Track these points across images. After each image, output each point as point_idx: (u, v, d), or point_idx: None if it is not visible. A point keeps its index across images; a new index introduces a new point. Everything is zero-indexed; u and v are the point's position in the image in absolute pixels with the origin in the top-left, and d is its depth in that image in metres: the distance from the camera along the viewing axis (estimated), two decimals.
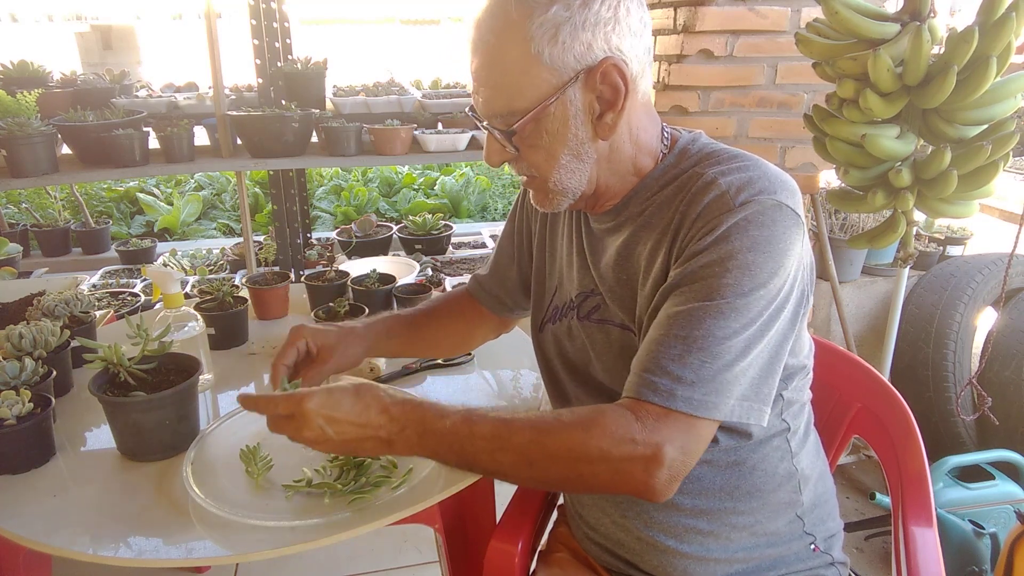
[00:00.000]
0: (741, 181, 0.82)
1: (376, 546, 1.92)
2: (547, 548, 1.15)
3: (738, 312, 0.78)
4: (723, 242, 0.79)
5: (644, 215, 0.91)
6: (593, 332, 0.98)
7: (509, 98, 0.84)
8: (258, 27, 2.57)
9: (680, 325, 0.79)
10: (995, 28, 1.46)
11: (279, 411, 0.84)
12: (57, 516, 0.96)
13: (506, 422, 0.80)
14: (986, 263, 2.20)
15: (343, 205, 4.61)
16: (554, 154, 0.87)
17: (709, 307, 0.78)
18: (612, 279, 0.95)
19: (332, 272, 1.69)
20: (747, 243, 0.79)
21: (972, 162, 1.56)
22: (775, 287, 0.79)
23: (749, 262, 0.78)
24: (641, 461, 0.76)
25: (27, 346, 1.23)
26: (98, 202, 4.46)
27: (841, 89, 1.66)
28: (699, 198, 0.84)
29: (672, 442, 0.76)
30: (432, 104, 2.80)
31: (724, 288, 0.78)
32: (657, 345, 0.79)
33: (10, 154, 2.16)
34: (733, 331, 0.78)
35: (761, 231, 0.79)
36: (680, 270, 0.82)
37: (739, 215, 0.80)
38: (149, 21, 12.52)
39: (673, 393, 0.77)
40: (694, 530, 0.94)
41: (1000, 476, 1.81)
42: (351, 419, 0.83)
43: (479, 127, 0.88)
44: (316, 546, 0.91)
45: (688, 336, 0.78)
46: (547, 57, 0.81)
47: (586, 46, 0.81)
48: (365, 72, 3.85)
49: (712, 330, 0.77)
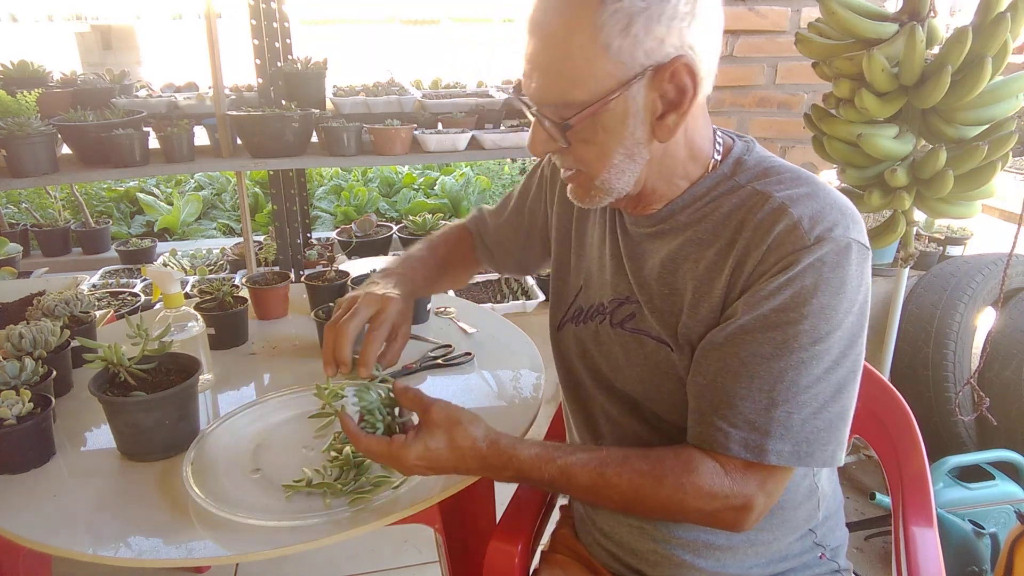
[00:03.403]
0: (813, 212, 0.78)
1: (376, 546, 1.92)
2: (549, 548, 1.14)
3: (817, 358, 0.77)
4: (797, 282, 0.77)
5: (696, 228, 0.87)
6: (627, 341, 0.94)
7: (567, 88, 0.77)
8: (258, 27, 2.57)
9: (762, 377, 0.77)
10: (990, 28, 1.46)
11: (376, 458, 0.89)
12: (57, 516, 0.96)
13: (602, 475, 0.82)
14: (986, 263, 2.20)
15: (343, 205, 4.61)
16: (607, 152, 0.82)
17: (789, 357, 0.77)
18: (654, 290, 0.90)
19: (332, 272, 1.69)
20: (822, 285, 0.76)
21: (969, 162, 1.56)
22: (848, 325, 0.78)
23: (825, 305, 0.76)
24: (732, 511, 0.79)
25: (27, 346, 1.23)
26: (98, 202, 4.45)
27: (837, 89, 1.66)
28: (768, 226, 0.79)
29: (762, 490, 0.79)
30: (432, 104, 2.80)
31: (802, 335, 0.76)
32: (738, 395, 0.78)
33: (10, 154, 2.16)
34: (815, 378, 0.77)
35: (836, 272, 0.77)
36: (752, 311, 0.79)
37: (814, 254, 0.76)
38: (149, 21, 12.47)
39: (763, 448, 0.77)
40: (713, 546, 0.93)
41: (1000, 476, 1.81)
42: (445, 466, 0.87)
43: (527, 113, 0.83)
44: (316, 546, 0.91)
45: (772, 389, 0.77)
46: (615, 49, 0.74)
47: (658, 41, 0.75)
48: (365, 72, 3.85)
49: (795, 380, 0.77)
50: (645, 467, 0.82)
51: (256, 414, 1.19)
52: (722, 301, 0.83)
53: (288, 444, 1.13)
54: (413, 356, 1.42)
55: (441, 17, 17.90)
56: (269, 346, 1.51)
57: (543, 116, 0.81)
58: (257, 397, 1.27)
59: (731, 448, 0.78)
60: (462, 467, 0.87)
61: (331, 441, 1.10)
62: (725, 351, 0.80)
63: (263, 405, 1.21)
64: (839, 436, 0.80)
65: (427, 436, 0.86)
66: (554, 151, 0.85)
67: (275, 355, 1.48)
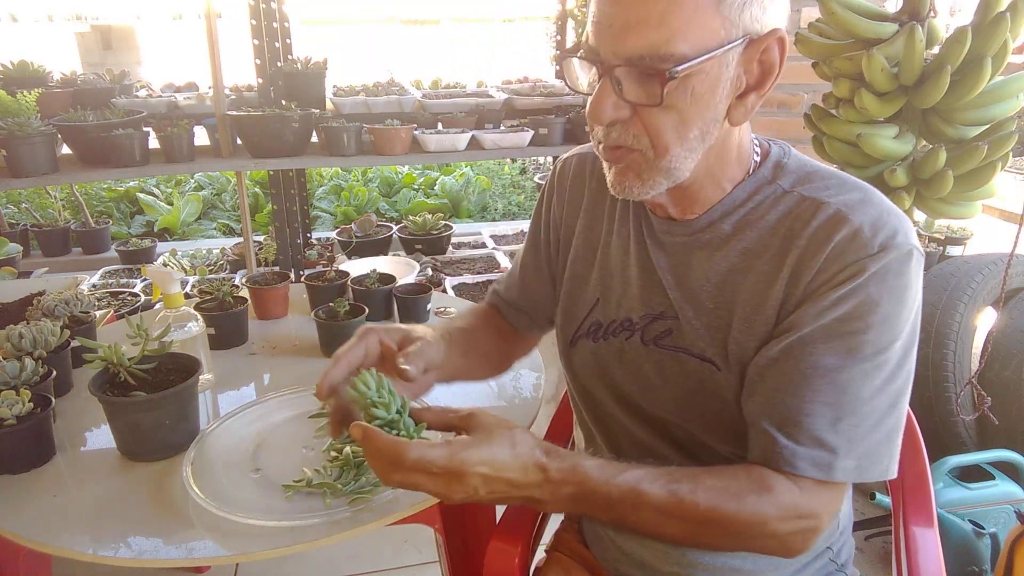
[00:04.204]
0: (873, 219, 0.75)
1: (376, 546, 1.92)
2: (551, 548, 1.14)
3: (879, 368, 0.74)
4: (862, 292, 0.73)
5: (742, 237, 0.82)
6: (662, 360, 0.87)
7: (669, 37, 0.68)
8: (258, 27, 2.57)
9: (825, 391, 0.74)
10: (989, 28, 1.46)
11: (433, 468, 0.68)
12: (57, 516, 0.96)
13: (676, 495, 0.72)
14: (986, 263, 2.20)
15: (343, 205, 4.61)
16: (687, 122, 0.73)
17: (852, 369, 0.74)
18: (701, 305, 0.84)
19: (332, 272, 1.69)
20: (886, 295, 0.74)
21: (968, 162, 1.56)
22: (907, 334, 0.76)
23: (889, 314, 0.74)
24: (802, 533, 0.75)
25: (27, 346, 1.23)
26: (98, 202, 4.46)
27: (837, 88, 1.66)
28: (825, 235, 0.75)
29: (828, 509, 0.76)
30: (432, 104, 2.80)
31: (865, 346, 0.73)
32: (802, 411, 0.74)
33: (10, 154, 2.16)
34: (877, 389, 0.74)
35: (899, 280, 0.74)
36: (814, 322, 0.75)
37: (880, 262, 0.73)
38: (149, 21, 12.47)
39: (832, 466, 0.74)
40: (735, 569, 0.90)
41: (1000, 476, 1.81)
42: (508, 477, 0.70)
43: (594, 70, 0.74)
44: (316, 546, 0.91)
45: (837, 402, 0.74)
46: (727, 4, 0.69)
47: (763, 9, 0.71)
48: (365, 72, 3.85)
49: (858, 392, 0.74)
50: (720, 484, 0.74)
51: (256, 414, 1.19)
52: (776, 314, 0.78)
53: (288, 444, 1.12)
54: None
55: (441, 17, 17.90)
56: (269, 346, 1.51)
57: (633, 65, 0.70)
58: (257, 397, 1.27)
59: (799, 467, 0.74)
60: (522, 480, 0.71)
61: (331, 441, 1.10)
62: (784, 365, 0.76)
63: (263, 405, 1.21)
64: (894, 449, 0.78)
65: (486, 438, 0.71)
66: (620, 119, 0.75)
67: (275, 355, 1.48)
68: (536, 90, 2.96)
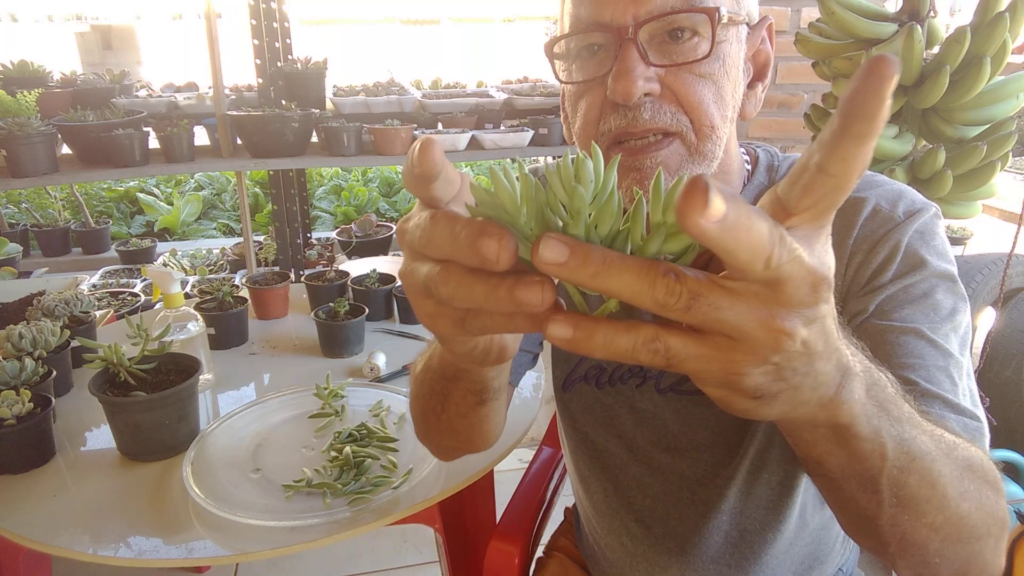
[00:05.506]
0: (884, 195, 0.72)
1: (376, 546, 1.92)
2: (549, 548, 1.14)
3: (955, 324, 0.68)
4: (913, 255, 0.69)
5: None
6: (683, 407, 0.79)
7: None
8: (258, 27, 2.57)
9: (932, 355, 0.65)
10: (988, 28, 1.46)
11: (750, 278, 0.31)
12: (57, 516, 0.97)
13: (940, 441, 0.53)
14: (986, 263, 2.20)
15: (343, 205, 4.61)
16: (723, 98, 0.64)
17: (942, 326, 0.67)
18: None
19: (332, 272, 1.69)
20: (932, 253, 0.70)
21: (968, 162, 1.56)
22: (960, 291, 0.71)
23: (944, 272, 0.69)
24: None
25: (27, 346, 1.23)
26: (98, 202, 4.46)
27: (836, 88, 1.67)
28: (847, 221, 0.71)
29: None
30: (432, 104, 2.80)
31: (941, 306, 0.67)
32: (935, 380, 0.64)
33: (10, 154, 2.16)
34: (962, 342, 0.69)
35: (934, 240, 0.71)
36: (879, 293, 0.68)
37: (912, 227, 0.70)
38: (149, 21, 12.49)
39: (983, 432, 0.64)
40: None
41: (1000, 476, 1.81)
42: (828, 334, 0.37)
43: (600, 52, 0.65)
44: (316, 546, 0.91)
45: (946, 366, 0.65)
46: None
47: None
48: (365, 72, 3.85)
49: (953, 348, 0.67)
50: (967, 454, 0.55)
51: (256, 414, 1.19)
52: None
53: (288, 444, 1.13)
54: (413, 355, 1.42)
55: (441, 17, 17.90)
56: (269, 346, 1.52)
57: (668, 21, 0.61)
58: (257, 397, 1.27)
59: (978, 440, 0.63)
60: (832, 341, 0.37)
61: (331, 441, 1.10)
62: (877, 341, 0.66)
63: (263, 405, 1.21)
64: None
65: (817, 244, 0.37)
66: (652, 92, 0.63)
67: (275, 355, 1.48)
68: (536, 90, 2.96)
